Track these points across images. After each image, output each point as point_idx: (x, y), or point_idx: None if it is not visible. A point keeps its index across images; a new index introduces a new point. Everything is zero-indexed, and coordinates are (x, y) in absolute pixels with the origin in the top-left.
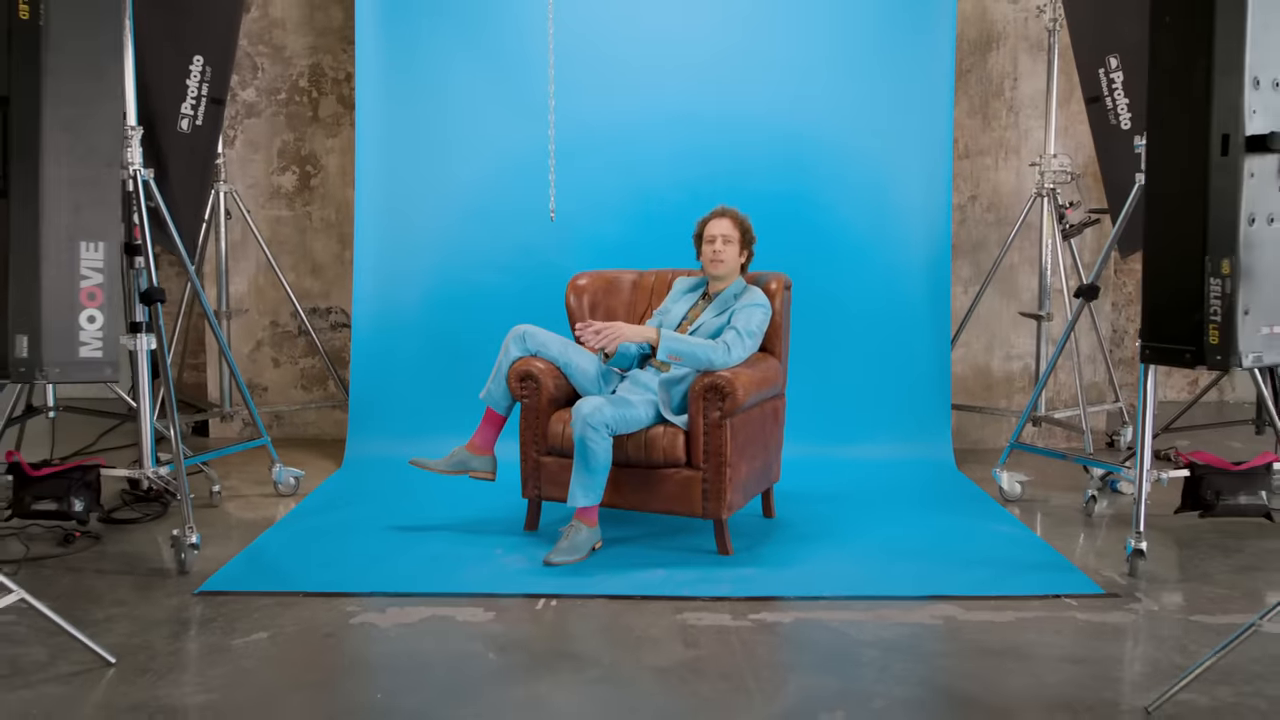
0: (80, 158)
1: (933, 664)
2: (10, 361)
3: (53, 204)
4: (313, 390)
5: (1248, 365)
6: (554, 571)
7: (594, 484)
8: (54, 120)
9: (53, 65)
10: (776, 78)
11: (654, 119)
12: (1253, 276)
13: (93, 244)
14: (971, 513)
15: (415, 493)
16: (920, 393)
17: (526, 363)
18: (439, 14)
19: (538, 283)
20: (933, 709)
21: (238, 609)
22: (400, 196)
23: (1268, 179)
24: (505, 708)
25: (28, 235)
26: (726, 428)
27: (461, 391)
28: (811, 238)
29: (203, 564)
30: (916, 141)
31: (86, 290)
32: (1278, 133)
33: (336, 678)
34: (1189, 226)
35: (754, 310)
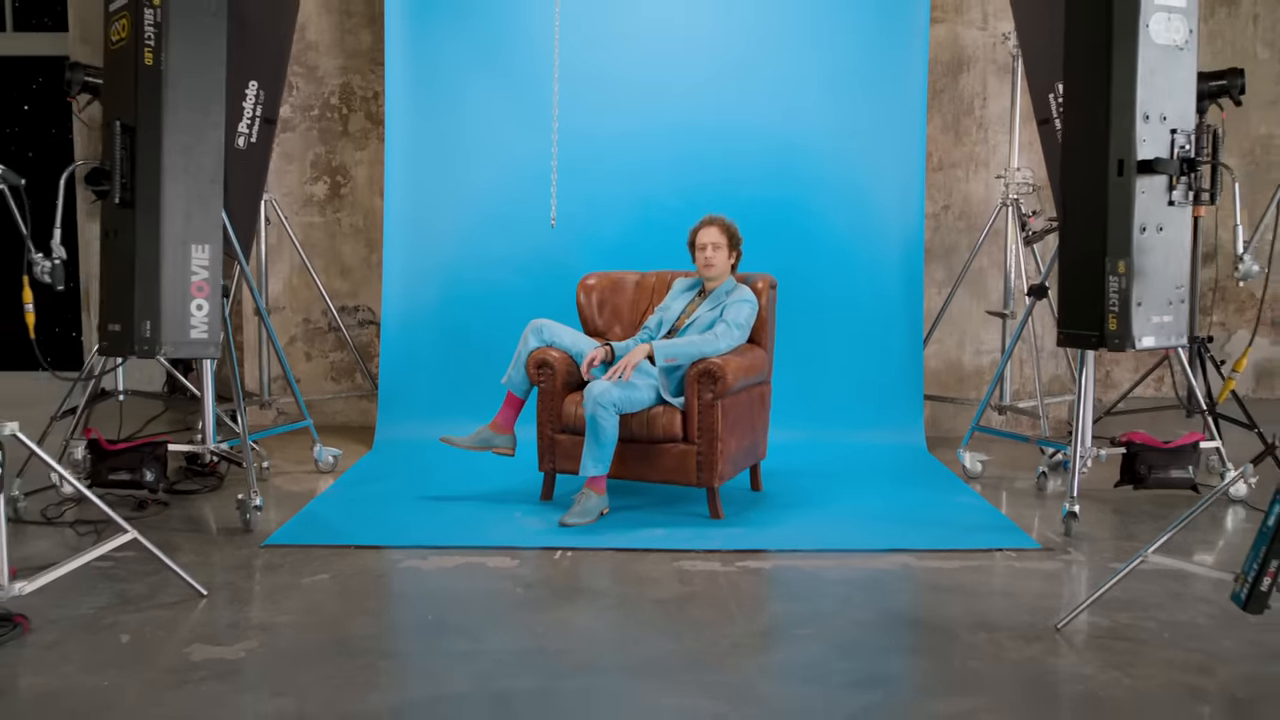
0: (191, 176)
1: (887, 598)
2: (137, 340)
3: (170, 214)
4: (341, 381)
5: (1141, 347)
6: (568, 531)
7: (603, 456)
8: (171, 145)
9: (170, 101)
10: (766, 95)
11: (654, 132)
12: (1144, 275)
13: (200, 246)
14: (936, 487)
15: (442, 468)
16: (895, 383)
17: (543, 352)
18: (458, 38)
19: (548, 281)
20: (883, 627)
21: (300, 558)
22: (425, 204)
23: (1156, 195)
24: (533, 626)
25: (150, 239)
26: (718, 408)
27: (480, 380)
28: (798, 241)
29: (263, 525)
30: (893, 154)
31: (196, 284)
32: (1163, 158)
33: (392, 605)
34: (1093, 234)
35: (742, 305)
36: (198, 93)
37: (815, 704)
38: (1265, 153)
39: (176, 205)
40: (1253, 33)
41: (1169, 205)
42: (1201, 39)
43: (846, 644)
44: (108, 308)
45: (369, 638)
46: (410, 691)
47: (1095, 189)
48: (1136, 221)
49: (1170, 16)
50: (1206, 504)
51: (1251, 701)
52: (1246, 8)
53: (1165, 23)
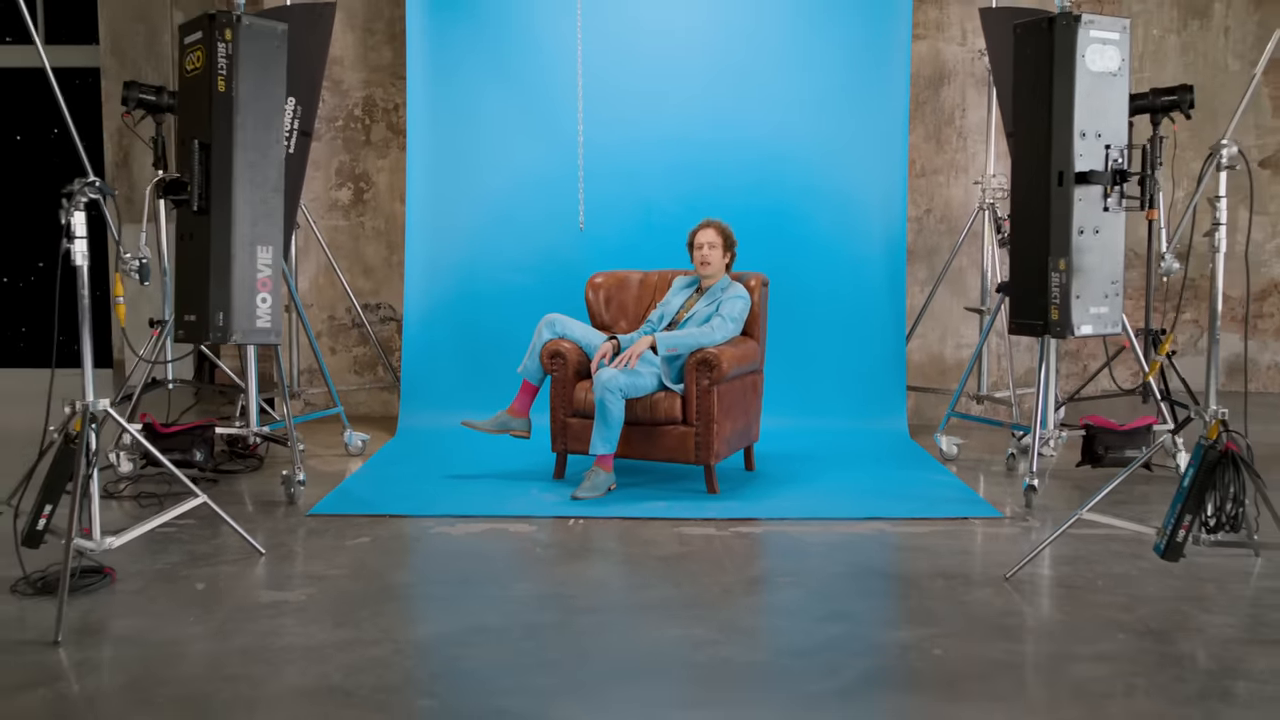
0: (256, 186)
1: (861, 555)
2: (212, 328)
3: (239, 219)
4: (364, 374)
5: (1079, 335)
6: (580, 503)
7: (610, 436)
8: (240, 160)
9: (239, 122)
10: (759, 106)
11: (655, 141)
12: (1082, 272)
13: (265, 247)
14: (914, 468)
15: (462, 451)
16: (880, 374)
17: (556, 344)
18: (474, 53)
19: (556, 279)
20: (854, 577)
21: (342, 525)
22: (443, 208)
23: (1091, 202)
24: (552, 576)
25: (223, 241)
26: (714, 394)
27: (495, 370)
28: (789, 242)
29: (304, 499)
30: (878, 162)
31: (261, 280)
32: (1097, 170)
33: (428, 561)
34: (1038, 236)
35: (736, 301)
36: (262, 114)
37: (792, 633)
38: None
39: (244, 212)
40: (1224, 45)
41: (1104, 211)
42: (1175, 51)
43: (822, 590)
44: (183, 301)
45: (410, 585)
46: (452, 624)
47: (1039, 197)
48: (1075, 225)
49: (1104, 47)
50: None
51: (1165, 631)
52: (1218, 21)
53: (1100, 53)
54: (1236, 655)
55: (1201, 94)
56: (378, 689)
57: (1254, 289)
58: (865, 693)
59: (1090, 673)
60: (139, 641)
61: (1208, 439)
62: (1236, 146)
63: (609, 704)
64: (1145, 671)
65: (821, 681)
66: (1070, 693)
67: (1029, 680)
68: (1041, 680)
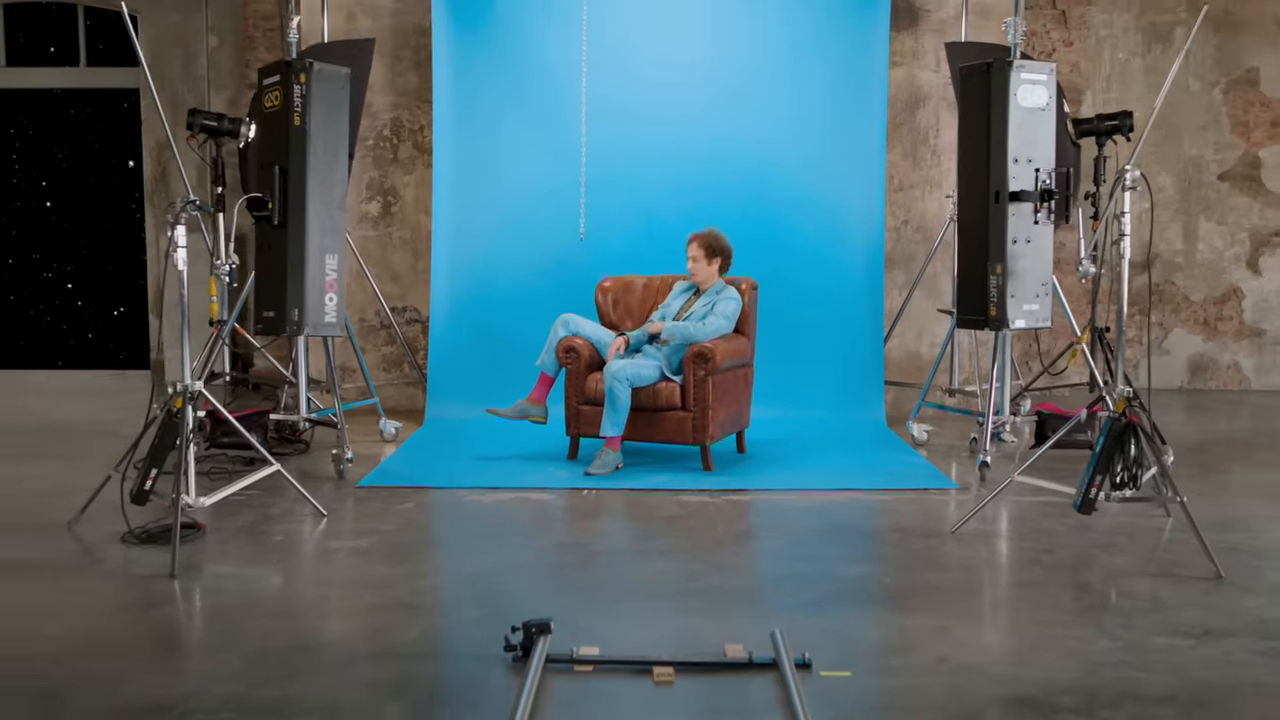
0: (324, 204)
1: (833, 516)
2: (289, 323)
3: (312, 232)
4: (391, 371)
5: (1014, 328)
6: (592, 478)
7: (618, 420)
8: (312, 182)
9: (312, 150)
10: (751, 127)
11: (657, 156)
12: (1015, 275)
13: (331, 255)
14: (888, 450)
15: (485, 437)
16: (860, 369)
17: (570, 340)
18: (492, 77)
19: (567, 282)
20: (825, 531)
21: (388, 495)
22: (465, 218)
23: (1023, 217)
24: (570, 530)
25: (298, 249)
26: (709, 383)
27: (512, 365)
28: (778, 249)
29: (351, 475)
30: (858, 177)
31: (329, 282)
32: (1027, 190)
33: (465, 520)
34: (979, 245)
35: (728, 302)
36: (329, 143)
37: (770, 568)
38: (1196, 171)
39: (315, 225)
40: (1185, 66)
41: (1034, 224)
42: (1139, 73)
43: (797, 539)
44: (262, 300)
45: (452, 536)
46: (490, 563)
47: (980, 212)
48: (1009, 236)
49: (1034, 86)
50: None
51: (1073, 568)
52: (1179, 44)
53: (1030, 91)
54: (1125, 583)
55: (1164, 111)
56: (436, 604)
57: (1215, 294)
58: (828, 607)
59: (1008, 595)
60: (237, 575)
61: (1115, 412)
62: (1140, 171)
63: (620, 614)
64: (1052, 594)
65: (793, 599)
66: (990, 607)
67: (958, 600)
68: (969, 599)
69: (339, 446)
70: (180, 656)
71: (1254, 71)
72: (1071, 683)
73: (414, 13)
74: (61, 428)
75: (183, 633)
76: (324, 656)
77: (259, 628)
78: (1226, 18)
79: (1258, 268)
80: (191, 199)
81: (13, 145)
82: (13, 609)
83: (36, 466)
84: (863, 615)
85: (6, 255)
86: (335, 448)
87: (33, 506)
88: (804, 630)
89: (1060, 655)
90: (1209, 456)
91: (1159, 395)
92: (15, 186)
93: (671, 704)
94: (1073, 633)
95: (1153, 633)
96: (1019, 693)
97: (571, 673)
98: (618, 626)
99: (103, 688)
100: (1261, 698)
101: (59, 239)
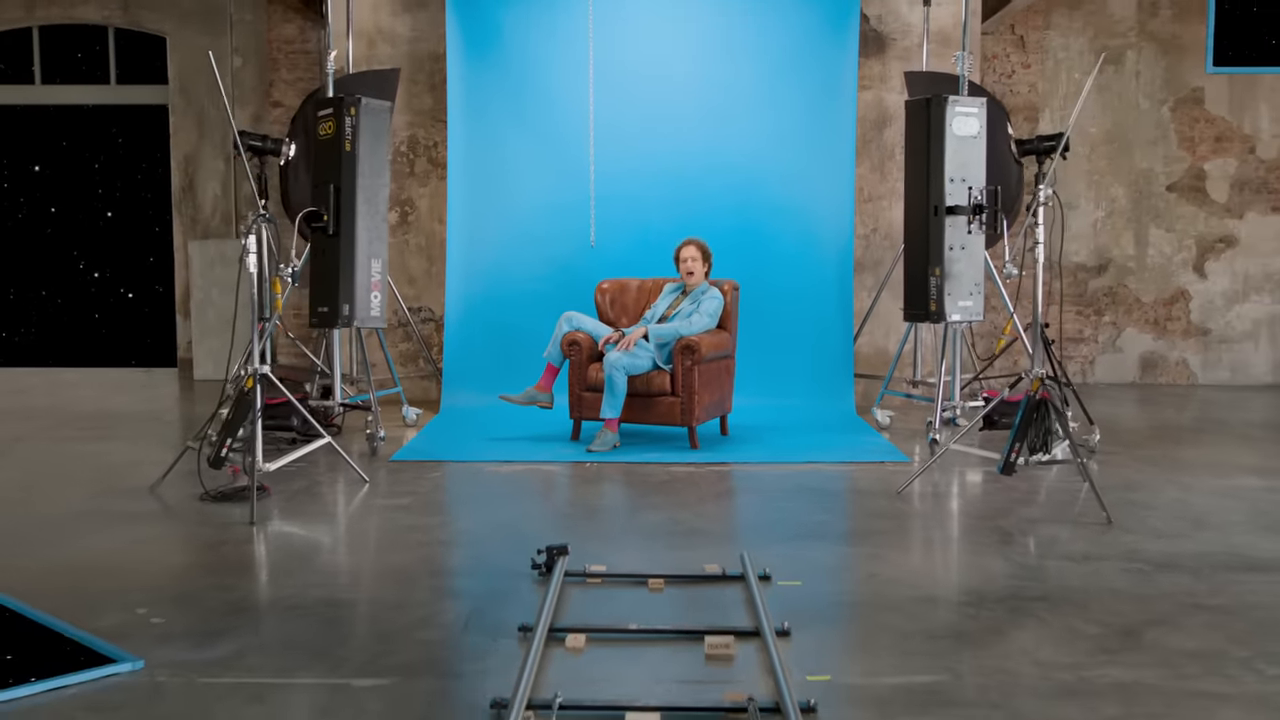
0: (370, 217)
1: (802, 481)
2: (340, 317)
3: (360, 240)
4: (407, 366)
5: (950, 321)
6: (593, 455)
7: (616, 404)
8: (360, 198)
9: (360, 171)
10: (735, 144)
11: (650, 171)
12: (951, 276)
13: (376, 260)
14: (854, 433)
15: (497, 421)
16: (831, 363)
17: (573, 335)
18: (499, 98)
19: (568, 284)
20: (794, 492)
21: (418, 467)
22: (476, 227)
23: (958, 227)
24: (576, 492)
25: (349, 255)
26: (695, 372)
27: (519, 358)
28: (758, 254)
29: (383, 452)
30: (831, 189)
31: (374, 283)
32: (962, 205)
33: (486, 486)
34: (921, 250)
35: (712, 301)
36: (374, 164)
37: (746, 517)
38: (1147, 183)
39: (362, 235)
40: (1135, 86)
41: (968, 234)
42: (1093, 92)
43: (770, 497)
44: (316, 297)
45: (477, 496)
46: (511, 514)
47: (922, 223)
48: (946, 243)
49: (967, 118)
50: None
51: (993, 517)
52: (1130, 66)
53: (963, 122)
54: (1032, 527)
55: (1117, 128)
56: (472, 541)
57: (1163, 295)
58: (789, 542)
59: (934, 536)
60: (305, 523)
61: (1032, 390)
62: (1052, 189)
63: (621, 547)
64: (970, 535)
65: (760, 536)
66: (917, 543)
67: (893, 538)
68: (901, 538)
69: (372, 426)
70: (273, 574)
71: (1199, 91)
72: (969, 588)
73: (429, 40)
74: (115, 414)
75: (271, 559)
76: (388, 574)
77: (332, 557)
78: (1174, 41)
79: (1203, 272)
80: (262, 213)
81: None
82: (133, 545)
83: (106, 445)
84: (815, 547)
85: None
86: (366, 429)
87: (115, 476)
88: (768, 557)
89: (965, 572)
90: (1139, 438)
91: (1112, 389)
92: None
93: (662, 605)
94: (979, 560)
95: (1043, 559)
96: (928, 594)
97: (584, 584)
98: (619, 555)
99: (221, 593)
100: (1115, 598)
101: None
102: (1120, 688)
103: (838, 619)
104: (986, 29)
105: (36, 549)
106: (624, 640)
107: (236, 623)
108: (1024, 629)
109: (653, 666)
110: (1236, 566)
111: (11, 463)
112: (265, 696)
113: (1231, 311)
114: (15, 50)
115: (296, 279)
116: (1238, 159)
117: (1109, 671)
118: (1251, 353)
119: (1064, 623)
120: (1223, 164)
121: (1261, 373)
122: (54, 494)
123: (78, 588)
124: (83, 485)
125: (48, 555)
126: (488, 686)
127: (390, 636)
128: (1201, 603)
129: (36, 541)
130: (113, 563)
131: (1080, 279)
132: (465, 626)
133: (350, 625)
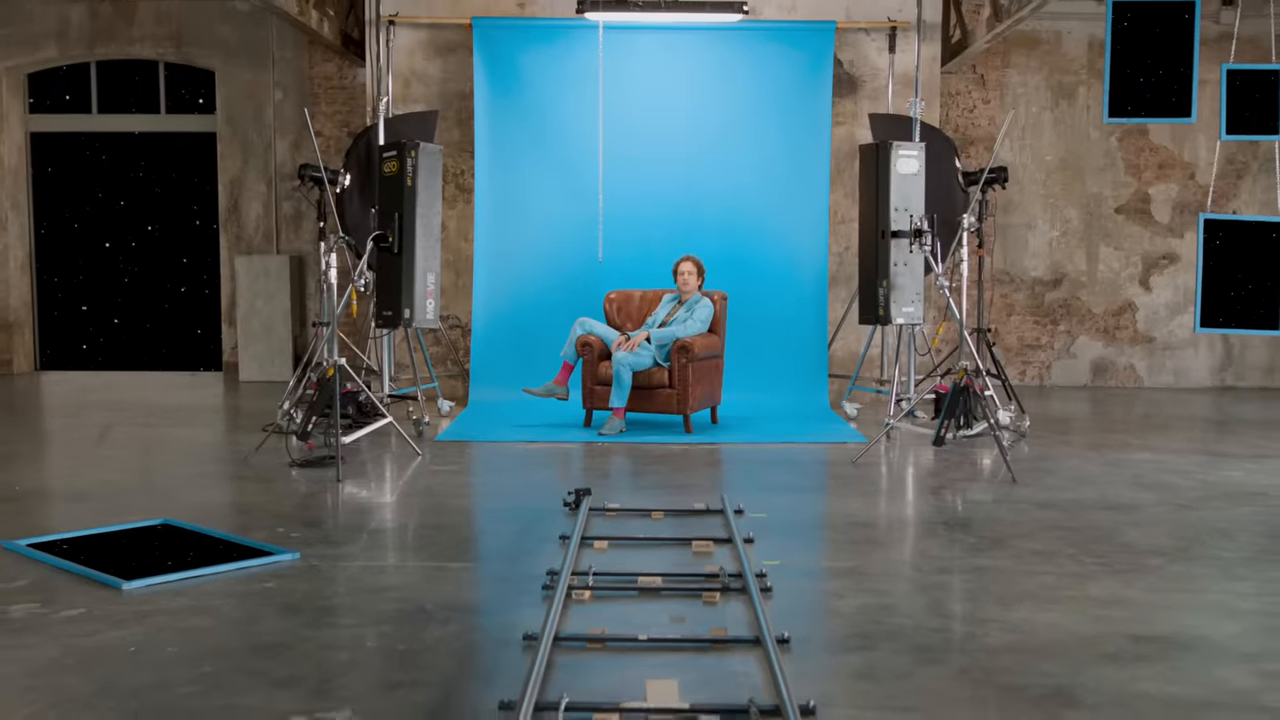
0: (425, 238)
1: (778, 456)
2: (403, 319)
3: (418, 257)
4: (437, 366)
5: (897, 323)
6: (602, 438)
7: (622, 395)
8: (419, 225)
9: (419, 202)
10: (725, 172)
11: (651, 197)
12: (896, 287)
13: (430, 273)
14: (825, 422)
15: (520, 411)
16: (808, 364)
17: (585, 337)
18: (520, 131)
19: (580, 295)
20: (771, 462)
21: (459, 446)
22: (500, 245)
23: (901, 248)
24: (589, 464)
25: (409, 269)
26: (689, 368)
27: (537, 358)
28: (745, 269)
29: (428, 434)
30: (808, 213)
31: (429, 291)
32: (903, 230)
33: (517, 459)
34: (873, 265)
35: (704, 309)
36: (429, 196)
37: (731, 479)
38: (1097, 205)
39: (420, 253)
40: (1087, 119)
41: (910, 253)
42: (1049, 124)
43: (749, 466)
44: (382, 303)
45: (511, 466)
46: (540, 477)
47: (873, 244)
48: (892, 260)
49: (908, 159)
50: (920, 398)
51: (927, 479)
52: (1082, 100)
53: (906, 162)
54: (953, 483)
55: (1070, 155)
56: (515, 492)
57: (1112, 306)
58: (759, 492)
59: (876, 488)
60: (380, 483)
61: (958, 379)
62: (974, 217)
63: (629, 495)
64: (902, 488)
65: (742, 489)
66: (859, 494)
67: (842, 490)
68: (848, 489)
69: (418, 413)
70: (368, 509)
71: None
72: (891, 516)
73: (457, 80)
74: (184, 408)
75: (359, 504)
76: (455, 512)
77: (408, 499)
78: None
79: (1148, 285)
80: (344, 236)
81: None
82: (251, 495)
83: (189, 430)
84: (780, 496)
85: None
86: (413, 414)
87: (210, 451)
88: (743, 500)
89: (890, 508)
90: (1068, 427)
91: (1066, 390)
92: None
93: (661, 528)
94: (905, 501)
95: (952, 501)
96: (860, 521)
97: (604, 515)
98: (628, 499)
99: (333, 520)
100: (997, 523)
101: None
102: (980, 569)
103: (791, 533)
104: (950, 69)
105: (179, 498)
106: (634, 545)
107: (354, 536)
108: (923, 539)
109: (656, 559)
110: (1096, 507)
111: (121, 443)
112: (388, 572)
113: (1174, 321)
114: (75, 82)
115: (369, 289)
116: (1179, 184)
117: (976, 560)
118: (1192, 358)
119: (953, 536)
120: (1165, 188)
121: (1202, 376)
122: (170, 463)
123: (227, 520)
124: (189, 457)
125: (193, 501)
126: (541, 564)
127: (468, 542)
128: (1058, 525)
129: (176, 494)
130: (244, 504)
131: (1038, 292)
132: (520, 536)
133: (437, 535)
